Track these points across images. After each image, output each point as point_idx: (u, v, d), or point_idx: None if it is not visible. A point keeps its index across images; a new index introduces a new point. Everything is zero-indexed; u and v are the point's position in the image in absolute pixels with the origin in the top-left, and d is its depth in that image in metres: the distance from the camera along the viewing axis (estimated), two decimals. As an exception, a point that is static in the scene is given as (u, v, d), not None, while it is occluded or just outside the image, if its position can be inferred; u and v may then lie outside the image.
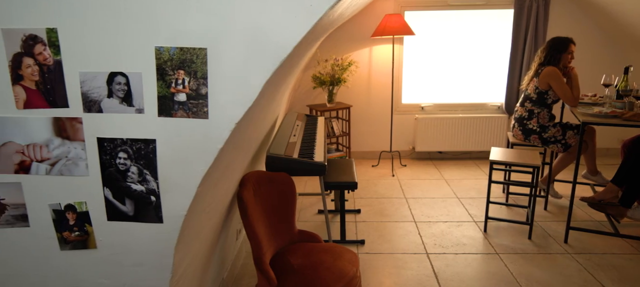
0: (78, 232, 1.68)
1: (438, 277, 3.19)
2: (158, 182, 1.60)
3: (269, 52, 1.47)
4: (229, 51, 1.47)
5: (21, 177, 1.63)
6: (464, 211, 4.31)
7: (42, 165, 1.61)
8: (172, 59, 1.49)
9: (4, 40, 1.49)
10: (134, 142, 1.57)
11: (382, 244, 3.69)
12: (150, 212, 1.64)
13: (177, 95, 1.53)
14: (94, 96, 1.54)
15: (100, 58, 1.51)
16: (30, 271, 1.73)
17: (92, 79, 1.52)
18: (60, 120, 1.57)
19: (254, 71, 1.49)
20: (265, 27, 1.44)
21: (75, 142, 1.58)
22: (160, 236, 1.66)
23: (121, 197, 1.63)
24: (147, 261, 1.71)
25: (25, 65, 1.51)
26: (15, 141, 1.58)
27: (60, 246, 1.70)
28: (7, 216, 1.66)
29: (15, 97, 1.54)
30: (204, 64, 1.49)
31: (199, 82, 1.51)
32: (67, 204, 1.65)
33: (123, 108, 1.55)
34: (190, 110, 1.53)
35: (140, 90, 1.53)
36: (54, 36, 1.49)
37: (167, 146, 1.57)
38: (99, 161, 1.60)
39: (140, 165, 1.59)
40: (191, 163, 1.58)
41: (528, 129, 4.03)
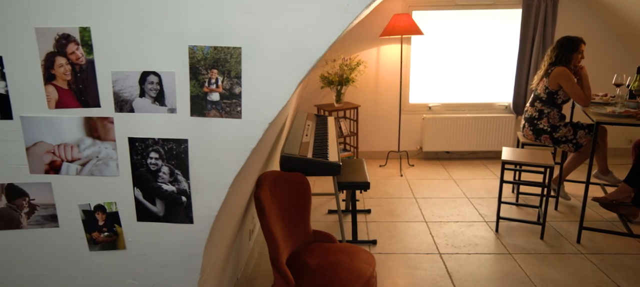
0: (107, 232, 1.67)
1: (452, 278, 3.18)
2: (189, 182, 1.59)
3: (304, 51, 1.46)
4: (264, 50, 1.46)
5: (51, 178, 1.62)
6: (474, 211, 4.31)
7: (73, 165, 1.59)
8: (206, 58, 1.48)
9: (37, 40, 1.48)
10: (166, 142, 1.56)
11: (394, 244, 3.68)
12: (180, 212, 1.63)
13: (210, 95, 1.52)
14: (126, 96, 1.53)
15: (133, 57, 1.50)
16: (59, 272, 1.71)
17: (124, 79, 1.51)
18: (91, 120, 1.55)
19: (289, 70, 1.48)
20: (301, 25, 1.43)
21: (106, 142, 1.57)
22: (190, 236, 1.65)
23: (152, 197, 1.62)
24: (176, 262, 1.70)
25: (58, 64, 1.50)
26: (46, 141, 1.57)
27: (89, 246, 1.68)
28: (36, 216, 1.65)
29: (47, 96, 1.53)
30: (238, 63, 1.48)
31: (233, 82, 1.50)
32: (96, 204, 1.64)
33: (155, 108, 1.53)
34: (224, 109, 1.52)
35: (172, 90, 1.52)
36: (87, 35, 1.48)
37: (199, 145, 1.56)
38: (129, 161, 1.59)
39: (171, 165, 1.58)
40: (223, 163, 1.57)
41: (539, 128, 4.03)
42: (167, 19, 1.46)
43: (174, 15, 1.46)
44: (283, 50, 1.46)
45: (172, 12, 1.46)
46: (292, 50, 1.46)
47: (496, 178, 5.19)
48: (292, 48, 1.46)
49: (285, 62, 1.47)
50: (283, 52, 1.46)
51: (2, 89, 1.52)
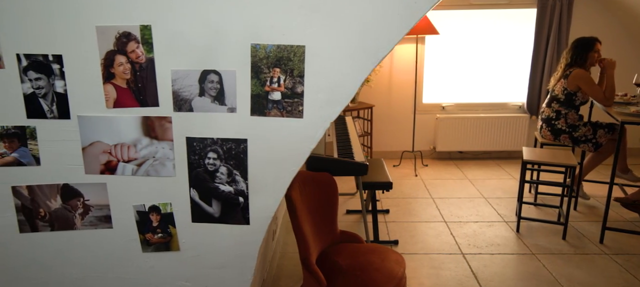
0: (161, 234, 1.64)
1: (477, 278, 3.17)
2: (247, 182, 1.57)
3: (368, 50, 1.44)
4: (327, 49, 1.44)
5: (106, 178, 1.59)
6: (492, 211, 4.30)
7: (129, 165, 1.57)
8: (269, 56, 1.46)
9: (98, 38, 1.46)
10: (225, 142, 1.54)
11: (416, 244, 3.67)
12: (237, 213, 1.61)
13: (271, 94, 1.50)
14: (185, 95, 1.51)
15: (193, 56, 1.48)
16: (110, 273, 1.69)
17: (184, 77, 1.49)
18: (149, 120, 1.53)
19: (352, 69, 1.46)
20: (367, 23, 1.42)
21: (164, 142, 1.55)
22: (245, 237, 1.63)
23: (208, 198, 1.60)
24: (229, 263, 1.68)
25: (118, 63, 1.48)
26: (103, 141, 1.55)
27: (142, 248, 1.66)
28: (90, 217, 1.62)
29: (105, 95, 1.51)
30: (301, 61, 1.46)
31: (295, 81, 1.48)
32: (151, 205, 1.62)
33: (214, 107, 1.51)
34: (285, 109, 1.50)
35: (233, 89, 1.50)
36: (148, 33, 1.46)
37: (258, 145, 1.54)
38: (186, 161, 1.57)
39: (230, 165, 1.56)
40: (282, 163, 1.55)
41: (557, 129, 4.02)
42: (230, 17, 1.44)
43: (236, 13, 1.44)
44: (347, 48, 1.44)
45: (235, 10, 1.43)
46: (356, 49, 1.44)
47: (512, 178, 5.19)
48: (356, 46, 1.44)
49: (349, 61, 1.45)
50: (347, 51, 1.45)
51: (61, 88, 1.50)
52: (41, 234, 1.63)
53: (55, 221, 1.62)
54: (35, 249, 1.65)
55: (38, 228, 1.62)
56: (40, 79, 1.48)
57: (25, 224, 1.61)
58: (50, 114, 1.52)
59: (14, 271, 1.66)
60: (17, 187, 1.58)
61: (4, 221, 1.60)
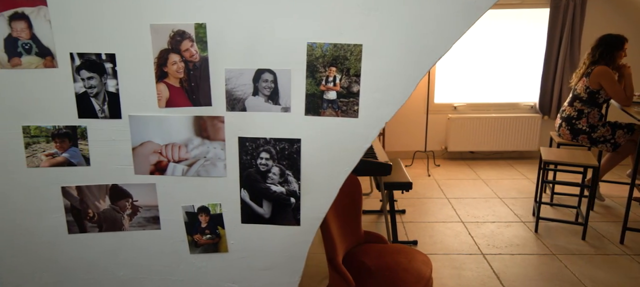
0: (210, 235, 1.62)
1: (500, 278, 3.16)
2: (300, 183, 1.55)
3: (426, 49, 1.43)
4: (385, 48, 1.43)
5: (156, 178, 1.57)
6: (509, 211, 4.30)
7: (179, 165, 1.55)
8: (325, 55, 1.44)
9: (152, 36, 1.43)
10: (278, 142, 1.52)
11: (435, 244, 3.66)
12: (288, 214, 1.59)
13: (326, 93, 1.48)
14: (239, 94, 1.49)
15: (248, 55, 1.46)
16: (157, 275, 1.67)
17: (238, 77, 1.47)
18: (201, 119, 1.51)
19: (409, 69, 1.45)
20: (426, 22, 1.40)
21: (216, 142, 1.53)
22: (295, 238, 1.62)
23: (259, 198, 1.58)
24: (278, 264, 1.66)
25: (171, 61, 1.46)
26: (154, 141, 1.53)
27: (190, 249, 1.64)
28: (139, 218, 1.60)
29: (158, 95, 1.49)
30: (358, 60, 1.44)
31: (351, 80, 1.46)
32: (200, 206, 1.60)
33: (268, 106, 1.49)
34: (340, 108, 1.48)
35: (287, 88, 1.48)
36: (202, 32, 1.44)
37: (312, 145, 1.52)
38: (238, 162, 1.55)
39: (282, 165, 1.54)
40: (335, 163, 1.54)
41: (577, 128, 4.02)
42: (286, 15, 1.42)
43: (292, 11, 1.42)
44: (405, 47, 1.43)
45: (291, 8, 1.42)
46: (414, 48, 1.43)
47: (525, 178, 5.19)
48: (414, 45, 1.43)
49: (407, 60, 1.44)
50: (405, 50, 1.43)
51: (112, 87, 1.48)
52: (89, 234, 1.61)
53: (104, 222, 1.59)
54: (82, 249, 1.62)
55: (86, 229, 1.60)
56: (93, 78, 1.46)
57: (73, 225, 1.59)
58: (102, 113, 1.50)
59: (61, 271, 1.63)
60: (66, 188, 1.56)
61: (53, 222, 1.58)
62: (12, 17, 1.40)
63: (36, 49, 1.42)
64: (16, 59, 1.43)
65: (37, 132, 1.50)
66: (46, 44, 1.43)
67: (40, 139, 1.50)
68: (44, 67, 1.45)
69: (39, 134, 1.50)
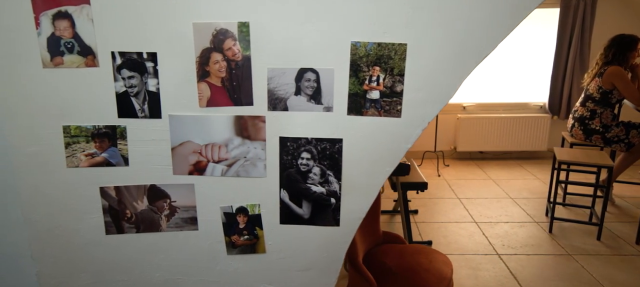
0: (247, 236, 1.61)
1: (517, 278, 3.16)
2: (341, 183, 1.54)
3: (472, 49, 1.42)
4: (430, 47, 1.42)
5: (195, 179, 1.56)
6: (521, 212, 4.29)
7: (219, 166, 1.54)
8: (369, 54, 1.43)
9: (194, 35, 1.42)
10: (320, 142, 1.51)
11: (450, 244, 3.66)
12: (327, 215, 1.57)
13: (369, 93, 1.47)
14: (281, 94, 1.48)
15: (291, 54, 1.45)
16: (193, 276, 1.65)
17: (281, 76, 1.46)
18: (242, 119, 1.50)
19: (454, 68, 1.44)
20: (472, 21, 1.39)
21: (256, 142, 1.52)
22: (333, 239, 1.60)
23: (298, 199, 1.57)
24: (315, 266, 1.65)
25: (213, 60, 1.44)
26: (194, 141, 1.51)
27: (227, 250, 1.63)
28: (176, 218, 1.58)
29: (199, 94, 1.47)
30: (402, 60, 1.43)
31: (395, 79, 1.45)
32: (239, 206, 1.58)
33: (310, 106, 1.48)
34: (383, 108, 1.47)
35: (330, 88, 1.47)
36: (245, 30, 1.42)
37: (353, 145, 1.51)
38: (278, 162, 1.53)
39: (323, 165, 1.52)
40: (376, 163, 1.53)
41: (590, 129, 4.02)
42: (329, 13, 1.41)
43: (336, 10, 1.41)
44: (450, 47, 1.42)
45: (334, 6, 1.40)
46: (459, 47, 1.42)
47: (535, 178, 5.19)
48: (459, 45, 1.42)
49: (451, 60, 1.43)
50: (450, 49, 1.42)
51: (153, 86, 1.46)
52: (126, 235, 1.59)
53: (141, 223, 1.58)
54: (119, 250, 1.61)
55: (124, 230, 1.58)
56: (133, 77, 1.45)
57: (111, 226, 1.57)
58: (142, 113, 1.48)
59: (99, 272, 1.62)
60: (104, 188, 1.54)
61: (92, 222, 1.56)
62: (56, 16, 1.38)
63: (78, 47, 1.41)
64: (58, 58, 1.41)
65: (77, 132, 1.48)
66: (88, 43, 1.41)
67: (80, 139, 1.48)
68: (86, 66, 1.43)
69: (79, 134, 1.48)
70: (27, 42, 1.40)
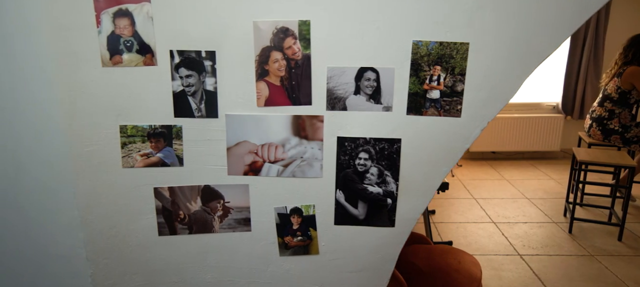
0: (301, 237, 1.59)
1: (541, 279, 3.15)
2: (398, 184, 1.52)
3: (534, 48, 1.40)
4: (492, 46, 1.40)
5: (249, 179, 1.54)
6: (539, 212, 4.29)
7: (274, 166, 1.51)
8: (430, 53, 1.42)
9: (254, 34, 1.40)
10: (378, 142, 1.49)
11: (470, 245, 3.65)
12: (383, 215, 1.56)
13: (430, 92, 1.45)
14: (340, 93, 1.46)
15: (351, 52, 1.43)
16: (244, 278, 1.63)
17: (340, 75, 1.44)
18: (300, 119, 1.48)
19: (516, 67, 1.42)
20: (535, 20, 1.38)
21: (313, 142, 1.50)
22: (387, 240, 1.59)
23: (354, 199, 1.55)
24: (368, 267, 1.63)
25: (273, 59, 1.42)
26: (250, 141, 1.49)
27: (280, 251, 1.60)
28: (229, 219, 1.56)
29: (257, 93, 1.45)
30: (464, 59, 1.41)
31: (456, 79, 1.43)
32: (293, 207, 1.56)
33: (369, 106, 1.46)
34: (443, 108, 1.46)
35: (390, 87, 1.45)
36: (306, 29, 1.40)
37: (412, 145, 1.49)
38: (335, 162, 1.51)
39: (381, 166, 1.51)
40: (434, 163, 1.51)
41: (608, 129, 4.02)
42: (390, 12, 1.39)
43: (397, 8, 1.39)
44: (513, 46, 1.40)
45: (396, 5, 1.39)
46: (521, 46, 1.40)
47: (550, 179, 5.20)
48: (522, 44, 1.40)
49: (513, 59, 1.41)
50: (512, 48, 1.41)
51: (211, 85, 1.44)
52: (179, 237, 1.56)
53: (194, 224, 1.56)
54: (171, 252, 1.58)
55: (177, 231, 1.56)
56: (191, 76, 1.42)
57: (164, 227, 1.55)
58: (198, 112, 1.46)
59: (151, 274, 1.59)
60: (158, 189, 1.52)
61: (145, 223, 1.53)
62: (116, 14, 1.36)
63: (137, 46, 1.38)
64: (117, 57, 1.39)
65: (134, 132, 1.46)
66: (147, 41, 1.39)
67: (136, 139, 1.46)
68: (144, 65, 1.41)
69: (135, 134, 1.46)
70: (87, 40, 1.37)
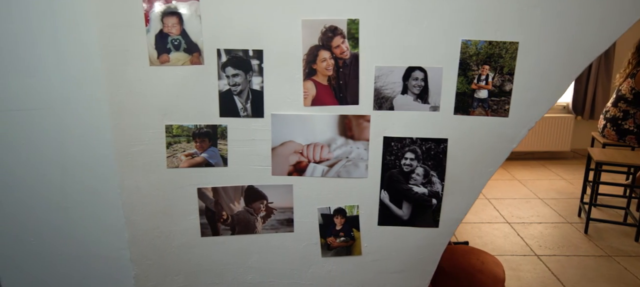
0: (344, 237, 1.57)
1: (560, 280, 3.14)
2: (443, 184, 1.51)
3: (584, 47, 1.39)
4: (542, 45, 1.39)
5: (294, 179, 1.52)
6: (552, 212, 4.28)
7: (319, 166, 1.50)
8: (479, 53, 1.40)
9: (303, 32, 1.38)
10: (424, 142, 1.48)
11: (485, 245, 3.64)
12: (427, 216, 1.54)
13: (477, 92, 1.44)
14: (387, 92, 1.44)
15: (399, 51, 1.42)
16: (285, 278, 1.62)
17: (388, 74, 1.43)
18: (346, 118, 1.46)
19: (565, 66, 1.41)
20: (586, 18, 1.37)
21: (359, 142, 1.48)
22: (431, 240, 1.57)
23: (399, 200, 1.53)
24: (409, 268, 1.61)
25: (321, 58, 1.41)
26: (296, 141, 1.47)
27: (322, 252, 1.59)
28: (272, 220, 1.55)
29: (304, 93, 1.44)
30: (513, 59, 1.40)
31: (504, 78, 1.42)
32: (337, 207, 1.55)
33: (417, 105, 1.45)
34: (490, 108, 1.44)
35: (438, 87, 1.44)
36: (355, 28, 1.39)
37: (458, 145, 1.48)
38: (381, 162, 1.50)
39: (427, 166, 1.49)
40: (480, 164, 1.50)
41: (623, 129, 4.02)
42: (439, 11, 1.38)
43: (446, 7, 1.38)
44: (562, 45, 1.39)
45: (445, 4, 1.37)
46: (571, 45, 1.39)
47: (561, 179, 5.19)
48: (572, 42, 1.39)
49: (563, 58, 1.40)
50: (562, 47, 1.40)
51: (257, 85, 1.42)
52: (221, 237, 1.55)
53: (237, 225, 1.54)
54: (213, 253, 1.57)
55: (219, 232, 1.54)
56: (238, 76, 1.41)
57: (207, 228, 1.53)
58: (244, 112, 1.44)
59: (192, 275, 1.57)
60: (202, 189, 1.50)
61: (188, 224, 1.52)
62: (165, 13, 1.34)
63: (185, 45, 1.37)
64: (165, 56, 1.37)
65: (179, 132, 1.44)
66: (194, 40, 1.37)
67: (181, 139, 1.44)
68: (191, 64, 1.39)
69: (181, 134, 1.44)
70: (135, 39, 1.36)
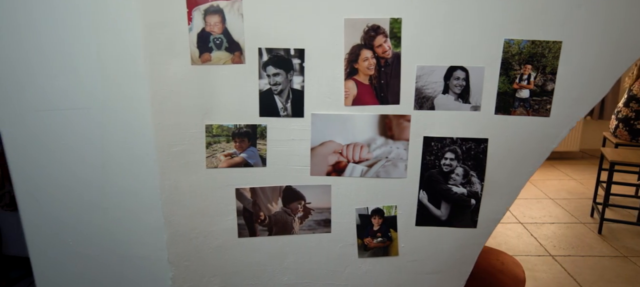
0: (381, 238, 1.56)
1: (577, 281, 3.14)
2: (483, 184, 1.50)
3: (627, 46, 1.39)
4: (585, 45, 1.38)
5: (332, 180, 1.51)
6: (564, 212, 4.29)
7: (359, 166, 1.49)
8: (521, 52, 1.39)
9: (345, 31, 1.37)
10: (465, 142, 1.47)
11: (499, 245, 3.64)
12: (465, 216, 1.53)
13: (519, 92, 1.43)
14: (428, 92, 1.43)
15: (440, 51, 1.41)
16: (321, 279, 1.60)
17: (429, 74, 1.42)
18: (386, 118, 1.45)
19: (608, 66, 1.40)
20: (632, 17, 1.36)
21: (399, 142, 1.47)
22: (468, 241, 1.56)
23: (437, 200, 1.52)
24: (446, 269, 1.60)
25: (363, 58, 1.40)
26: (335, 141, 1.46)
27: (358, 253, 1.58)
28: (310, 221, 1.53)
29: (345, 92, 1.42)
30: (555, 58, 1.39)
31: (546, 78, 1.41)
32: (375, 208, 1.53)
33: (458, 105, 1.44)
34: (532, 107, 1.43)
35: (479, 86, 1.43)
36: (397, 27, 1.38)
37: (498, 145, 1.47)
38: (420, 162, 1.49)
39: (467, 166, 1.48)
40: (519, 164, 1.49)
41: (636, 129, 4.02)
42: (482, 10, 1.37)
43: (489, 7, 1.37)
44: (606, 44, 1.39)
45: (487, 3, 1.36)
46: (615, 44, 1.39)
47: (571, 179, 5.20)
48: (615, 42, 1.38)
49: (606, 57, 1.40)
50: (605, 46, 1.39)
51: (298, 84, 1.41)
52: (258, 238, 1.53)
53: (274, 225, 1.52)
54: (249, 254, 1.55)
55: (256, 232, 1.53)
56: (279, 75, 1.40)
57: (244, 229, 1.52)
58: (284, 112, 1.43)
59: (229, 277, 1.56)
60: (240, 190, 1.49)
61: (225, 225, 1.50)
62: (208, 11, 1.32)
63: (226, 44, 1.35)
64: (206, 55, 1.35)
65: (219, 132, 1.42)
66: (236, 39, 1.36)
67: (221, 139, 1.43)
68: (232, 63, 1.38)
69: (221, 133, 1.43)
70: (178, 38, 1.34)
